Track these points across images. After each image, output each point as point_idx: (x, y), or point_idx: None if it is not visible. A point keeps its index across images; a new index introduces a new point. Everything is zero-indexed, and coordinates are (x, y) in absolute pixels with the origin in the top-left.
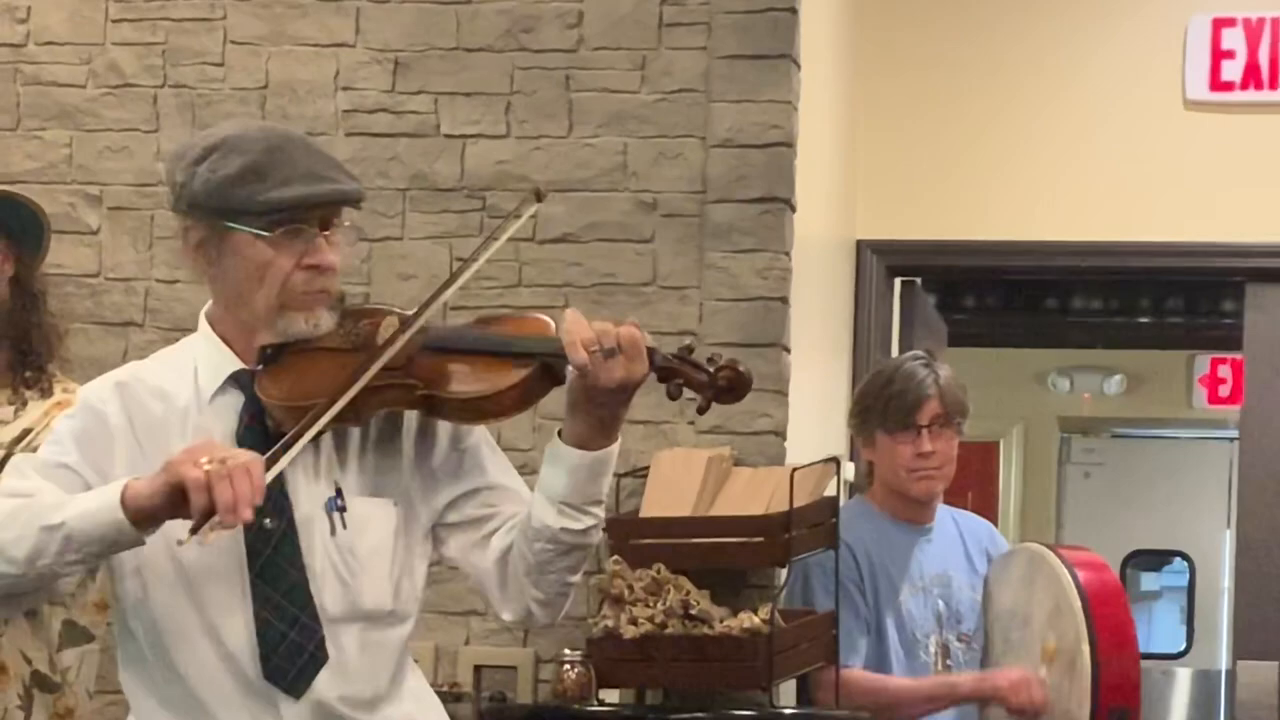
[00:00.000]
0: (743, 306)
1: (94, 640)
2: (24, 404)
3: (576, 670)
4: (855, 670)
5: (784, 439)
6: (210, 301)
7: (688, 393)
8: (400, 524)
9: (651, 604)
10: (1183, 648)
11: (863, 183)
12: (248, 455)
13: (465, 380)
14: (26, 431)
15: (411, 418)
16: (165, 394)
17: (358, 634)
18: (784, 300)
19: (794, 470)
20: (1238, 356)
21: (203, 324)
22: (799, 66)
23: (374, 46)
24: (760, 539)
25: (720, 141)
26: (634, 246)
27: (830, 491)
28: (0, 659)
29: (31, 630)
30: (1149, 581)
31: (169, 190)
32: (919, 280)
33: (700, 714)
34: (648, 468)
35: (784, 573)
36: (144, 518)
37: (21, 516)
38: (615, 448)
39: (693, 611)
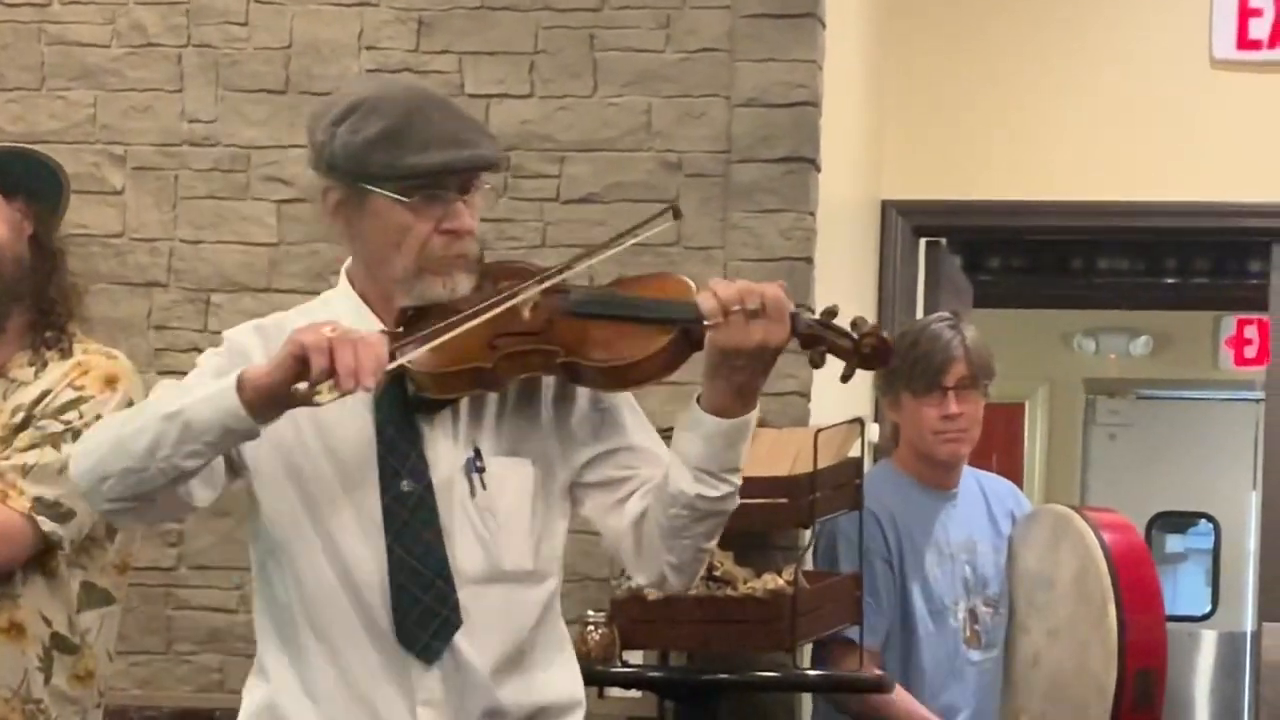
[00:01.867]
0: (767, 267)
1: (114, 603)
2: (44, 365)
3: (600, 632)
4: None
5: (808, 400)
6: (350, 259)
7: (831, 359)
8: (539, 484)
9: None
10: (1208, 610)
11: (888, 143)
12: (371, 332)
13: (607, 347)
14: (46, 393)
15: (550, 379)
16: None
17: (497, 595)
18: (809, 260)
19: (818, 431)
20: (1264, 317)
21: (343, 282)
22: (824, 25)
23: (398, 6)
24: (784, 500)
25: (745, 101)
26: (658, 207)
27: (854, 453)
28: (19, 620)
29: (50, 591)
30: (1174, 544)
31: (309, 148)
32: (944, 241)
33: (724, 675)
34: (672, 429)
35: (808, 535)
36: (261, 398)
37: (145, 410)
38: (753, 416)
39: (716, 573)
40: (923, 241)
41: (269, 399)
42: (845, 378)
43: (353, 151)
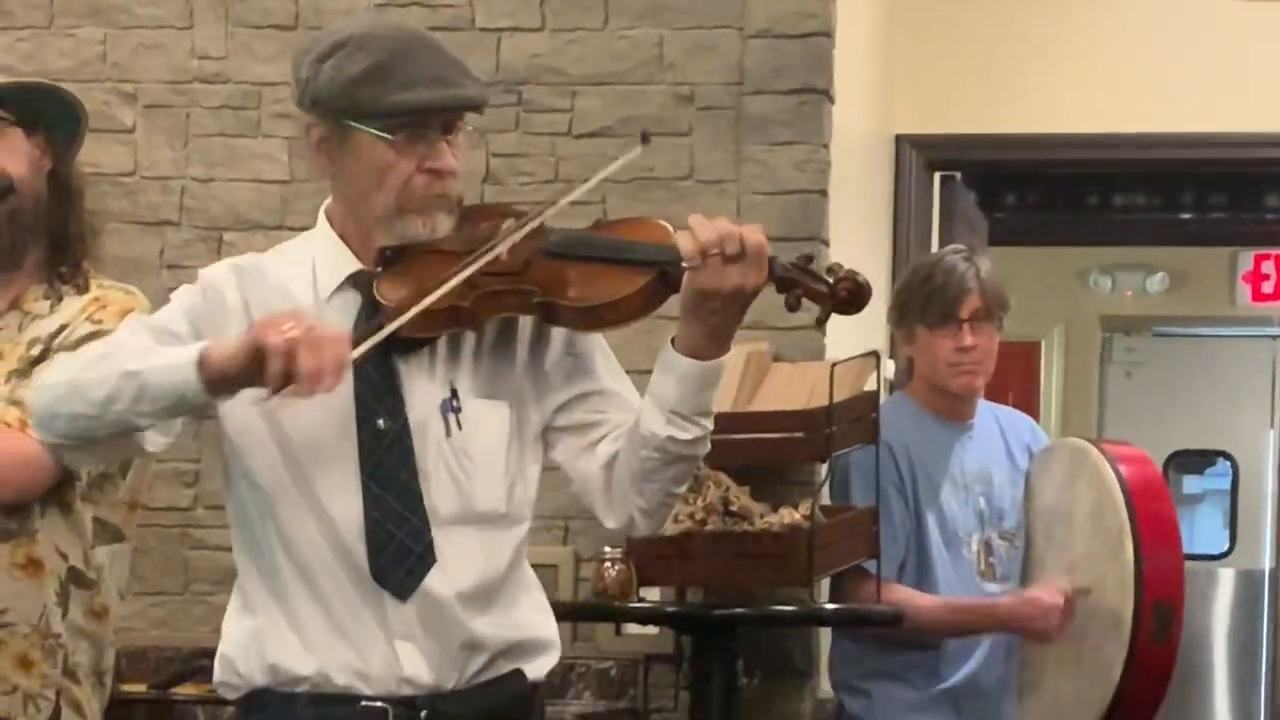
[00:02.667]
0: (781, 200)
1: (125, 540)
2: (60, 299)
3: (617, 568)
4: (887, 583)
5: (823, 334)
6: (329, 198)
7: (806, 303)
8: (514, 426)
9: (691, 501)
10: (1225, 548)
11: (902, 76)
12: (335, 329)
13: (583, 288)
14: (63, 326)
15: (526, 321)
16: (284, 287)
17: (470, 536)
18: (823, 193)
19: (834, 365)
20: None
21: (322, 221)
22: None
23: None
24: (800, 434)
25: (757, 32)
26: (671, 140)
27: (870, 386)
28: (37, 555)
29: (66, 525)
30: (1191, 485)
31: (293, 85)
32: (959, 175)
33: (741, 610)
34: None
35: (824, 468)
36: (220, 379)
37: (109, 359)
38: (727, 358)
39: (733, 508)
40: (937, 176)
41: (228, 383)
42: (820, 321)
43: (338, 88)
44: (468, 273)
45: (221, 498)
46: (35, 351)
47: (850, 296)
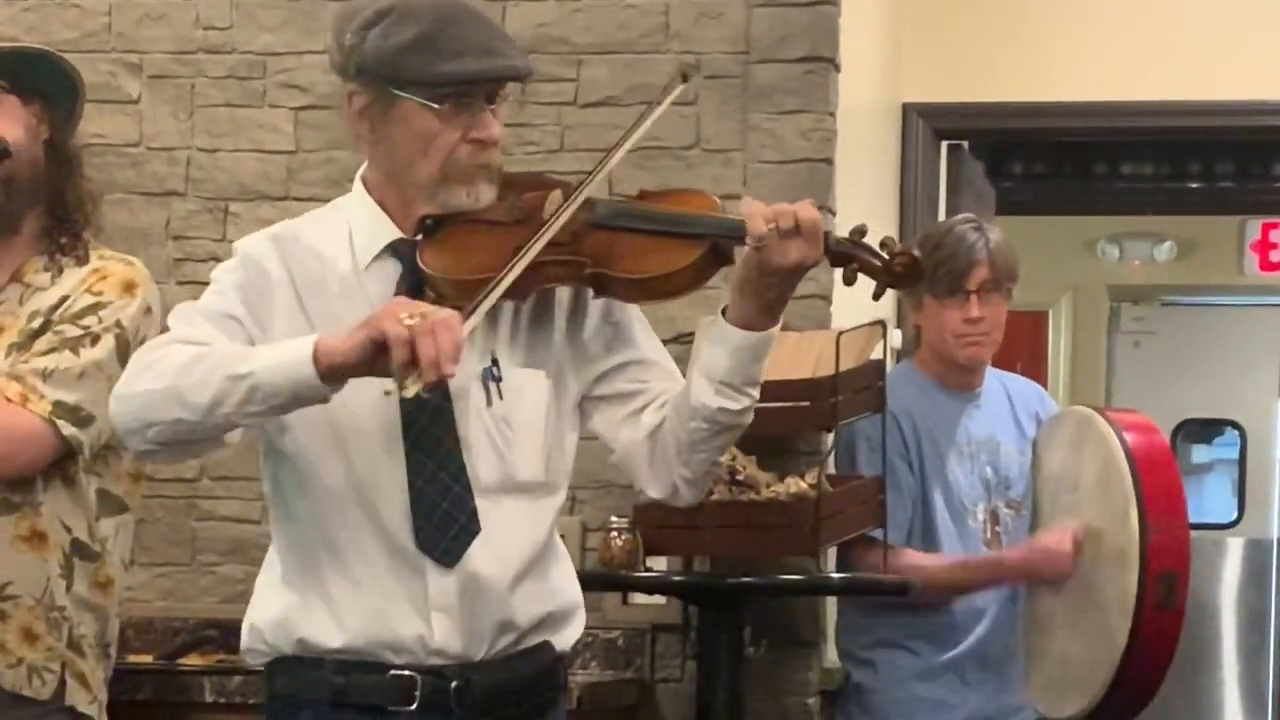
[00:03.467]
0: (787, 169)
1: (128, 511)
2: (60, 270)
3: (624, 538)
4: (893, 548)
5: (829, 303)
6: (365, 165)
7: (862, 277)
8: (553, 396)
9: None
10: (1234, 518)
11: (908, 44)
12: (446, 312)
13: (636, 259)
14: (64, 298)
15: (565, 290)
16: (321, 254)
17: (511, 505)
18: (829, 161)
19: (840, 334)
20: None
21: (358, 188)
22: None
23: None
24: (806, 403)
25: (763, 0)
26: (677, 109)
27: (876, 355)
28: (40, 528)
29: (70, 498)
30: (1200, 454)
31: (335, 51)
32: (966, 144)
33: (747, 579)
34: (693, 333)
35: (830, 438)
36: (336, 373)
37: (205, 362)
38: (778, 329)
39: (739, 477)
40: (944, 145)
41: (343, 374)
42: (877, 296)
43: (385, 56)
44: (539, 245)
45: (228, 469)
46: (36, 324)
47: (906, 271)
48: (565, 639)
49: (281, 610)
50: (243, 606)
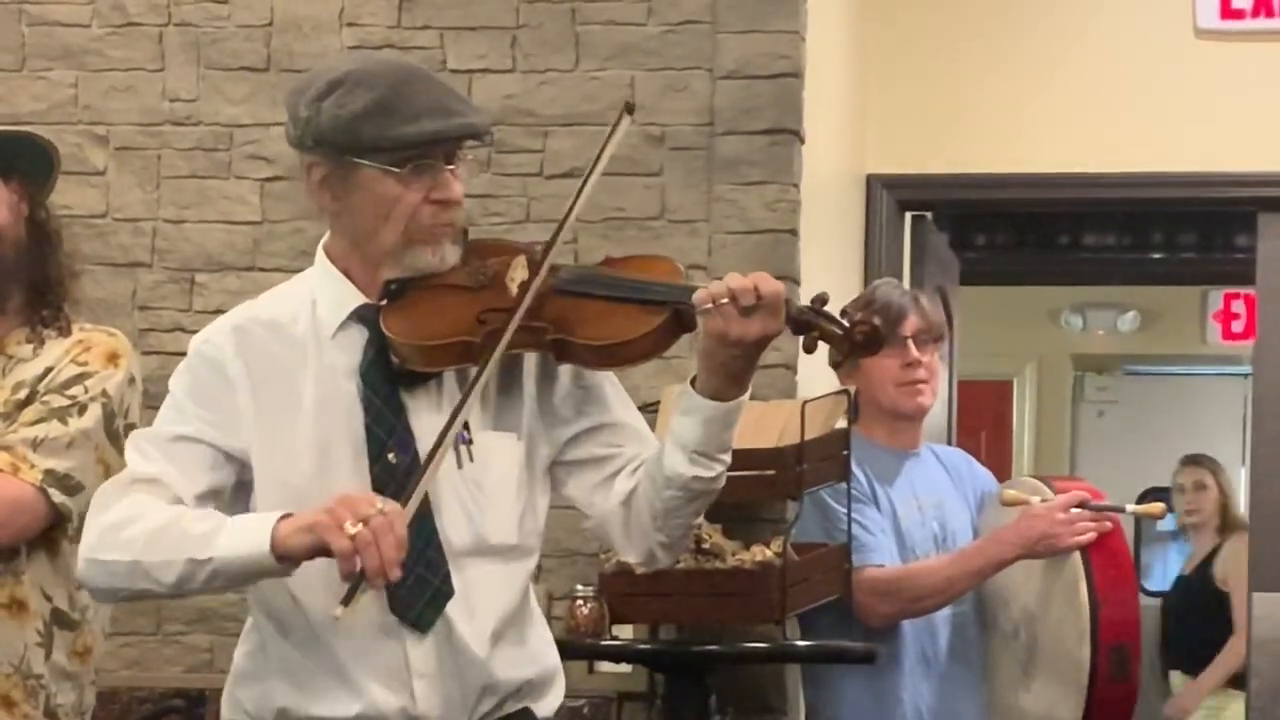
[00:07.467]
0: (752, 239)
1: None
2: (42, 342)
3: (589, 606)
4: (870, 569)
5: (795, 373)
6: (327, 235)
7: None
8: (524, 459)
9: None
10: None
11: (873, 116)
12: (390, 508)
13: (598, 326)
14: (49, 369)
15: (532, 354)
16: (280, 326)
17: (484, 568)
18: (793, 233)
19: (805, 403)
20: (1251, 291)
21: (320, 258)
22: None
23: None
24: (772, 472)
25: (727, 73)
26: (642, 180)
27: (841, 424)
28: (20, 596)
29: (52, 567)
30: (1164, 523)
31: (291, 125)
32: (930, 215)
33: (713, 647)
34: (658, 402)
35: (795, 506)
36: (292, 561)
37: (167, 540)
38: (746, 396)
39: (705, 546)
40: (909, 216)
41: (299, 561)
42: (836, 365)
43: (341, 125)
44: (515, 324)
45: None
46: (21, 395)
47: (866, 340)
48: (546, 706)
49: (262, 680)
50: (209, 675)
